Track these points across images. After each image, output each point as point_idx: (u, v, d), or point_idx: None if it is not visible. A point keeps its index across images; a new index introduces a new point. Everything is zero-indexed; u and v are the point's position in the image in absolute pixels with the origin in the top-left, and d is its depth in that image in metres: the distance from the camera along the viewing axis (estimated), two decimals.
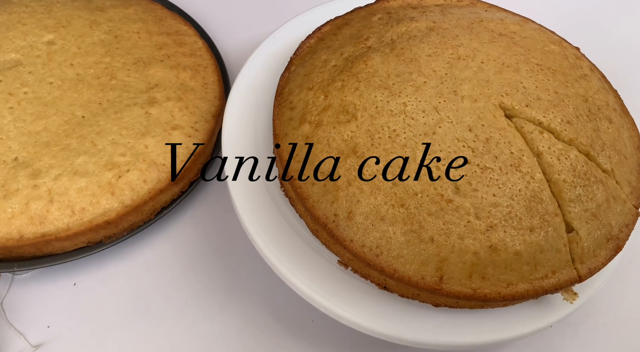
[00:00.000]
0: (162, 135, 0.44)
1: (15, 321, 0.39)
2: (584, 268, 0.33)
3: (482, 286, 0.31)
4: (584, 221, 0.33)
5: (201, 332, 0.40)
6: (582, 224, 0.33)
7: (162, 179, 0.42)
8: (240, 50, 0.58)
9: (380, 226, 0.32)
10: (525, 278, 0.31)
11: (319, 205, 0.34)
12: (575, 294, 0.33)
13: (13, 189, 0.39)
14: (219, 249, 0.45)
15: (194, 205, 0.47)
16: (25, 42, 0.48)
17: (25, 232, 0.38)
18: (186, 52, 0.51)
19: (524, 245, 0.31)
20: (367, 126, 0.34)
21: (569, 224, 0.33)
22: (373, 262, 0.32)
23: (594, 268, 0.33)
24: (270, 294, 0.42)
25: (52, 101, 0.44)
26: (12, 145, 0.41)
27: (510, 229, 0.31)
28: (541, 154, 0.34)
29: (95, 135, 0.43)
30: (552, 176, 0.33)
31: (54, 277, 0.42)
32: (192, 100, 0.47)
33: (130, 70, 0.48)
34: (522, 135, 0.34)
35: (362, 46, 0.39)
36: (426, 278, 0.31)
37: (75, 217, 0.39)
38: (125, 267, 0.43)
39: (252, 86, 0.44)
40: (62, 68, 0.47)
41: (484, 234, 0.31)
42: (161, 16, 0.54)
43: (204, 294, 0.42)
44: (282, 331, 0.41)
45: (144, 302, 0.41)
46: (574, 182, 0.33)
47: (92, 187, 0.40)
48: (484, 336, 0.34)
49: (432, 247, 0.31)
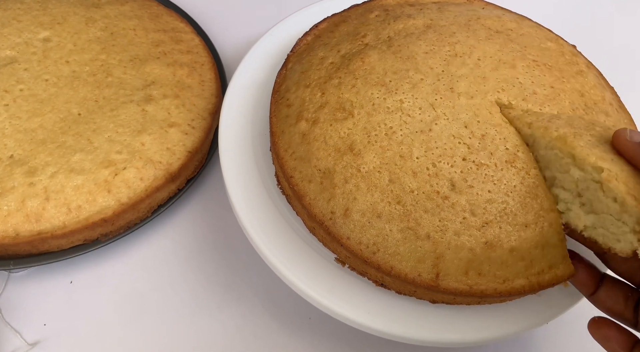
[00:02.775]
0: (159, 132, 0.44)
1: (11, 319, 0.39)
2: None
3: (478, 282, 0.31)
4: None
5: (199, 330, 0.40)
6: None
7: (159, 177, 0.42)
8: (237, 48, 0.58)
9: (377, 223, 0.32)
10: (521, 274, 0.32)
11: (316, 202, 0.34)
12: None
13: (9, 187, 0.39)
14: (217, 247, 0.45)
15: (191, 203, 0.47)
16: (21, 39, 0.47)
17: (21, 230, 0.38)
18: (183, 49, 0.51)
19: (520, 241, 0.31)
20: (364, 123, 0.34)
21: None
22: (370, 259, 0.32)
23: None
24: (267, 291, 0.42)
25: (47, 98, 0.44)
26: (8, 143, 0.41)
27: (505, 225, 0.31)
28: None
29: (91, 132, 0.42)
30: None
31: (50, 275, 0.42)
32: (188, 97, 0.47)
33: (127, 68, 0.47)
34: (517, 130, 0.34)
35: (359, 43, 0.39)
36: (423, 275, 0.31)
37: (71, 215, 0.39)
38: (122, 265, 0.43)
39: (249, 83, 0.44)
40: (58, 65, 0.46)
41: (480, 231, 0.31)
42: (157, 13, 0.54)
43: (201, 292, 0.42)
44: (280, 329, 0.41)
45: (140, 301, 0.41)
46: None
47: (89, 185, 0.40)
48: (482, 333, 0.34)
49: (428, 244, 0.31)
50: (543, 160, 0.32)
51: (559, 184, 0.32)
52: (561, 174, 0.31)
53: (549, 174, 0.32)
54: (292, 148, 0.36)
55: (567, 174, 0.30)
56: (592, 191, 0.29)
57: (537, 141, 0.32)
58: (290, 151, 0.36)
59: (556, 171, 0.31)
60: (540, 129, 0.32)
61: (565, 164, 0.30)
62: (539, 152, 0.32)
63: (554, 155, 0.31)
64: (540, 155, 0.32)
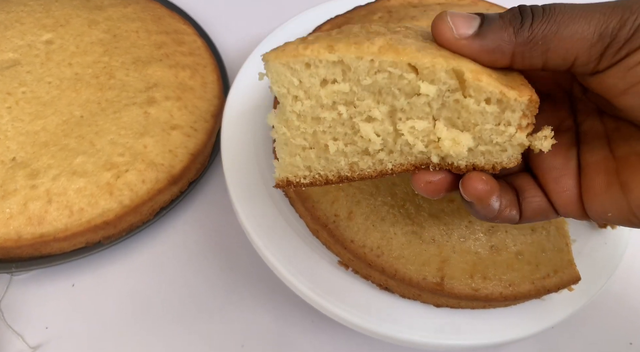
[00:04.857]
0: (161, 135, 0.44)
1: (13, 322, 0.39)
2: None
3: (483, 286, 0.31)
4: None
5: (200, 333, 0.40)
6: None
7: (161, 179, 0.42)
8: (239, 49, 0.58)
9: (381, 226, 0.32)
10: (527, 278, 0.31)
11: (320, 205, 0.33)
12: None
13: (11, 190, 0.39)
14: (218, 249, 0.44)
15: (193, 205, 0.47)
16: (24, 41, 0.47)
17: (24, 233, 0.38)
18: (185, 51, 0.51)
19: (526, 245, 0.31)
20: None
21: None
22: (374, 262, 0.32)
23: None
24: (269, 294, 0.42)
25: (50, 101, 0.44)
26: (11, 145, 0.41)
27: (511, 229, 0.31)
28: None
29: (93, 135, 0.42)
30: None
31: (53, 278, 0.42)
32: (191, 99, 0.47)
33: (129, 70, 0.47)
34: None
35: None
36: (427, 278, 0.31)
37: (73, 218, 0.39)
38: (124, 268, 0.43)
39: (251, 85, 0.44)
40: (61, 67, 0.46)
41: (486, 235, 0.31)
42: (160, 15, 0.54)
43: (203, 295, 0.42)
44: (282, 332, 0.40)
45: (142, 303, 0.41)
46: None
47: (91, 188, 0.40)
48: (486, 338, 0.33)
49: (433, 247, 0.31)
50: (368, 94, 0.23)
51: (405, 117, 0.23)
52: (404, 99, 0.23)
53: (383, 110, 0.23)
54: None
55: (415, 97, 0.23)
56: (452, 105, 0.23)
57: (356, 72, 0.22)
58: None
59: (394, 100, 0.23)
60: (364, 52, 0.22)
61: (407, 85, 0.22)
62: (359, 86, 0.23)
63: (383, 79, 0.22)
64: (362, 91, 0.23)
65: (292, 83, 0.22)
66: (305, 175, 0.25)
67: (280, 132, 0.24)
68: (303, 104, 0.23)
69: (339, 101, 0.23)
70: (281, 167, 0.25)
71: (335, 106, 0.23)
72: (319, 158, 0.25)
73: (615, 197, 0.23)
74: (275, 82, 0.22)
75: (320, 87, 0.23)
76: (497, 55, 0.22)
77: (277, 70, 0.22)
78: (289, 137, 0.24)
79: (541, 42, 0.21)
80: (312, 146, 0.24)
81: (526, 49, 0.21)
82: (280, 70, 0.22)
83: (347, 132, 0.24)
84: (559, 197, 0.24)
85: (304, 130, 0.24)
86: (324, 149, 0.24)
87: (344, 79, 0.22)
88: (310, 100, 0.23)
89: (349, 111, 0.23)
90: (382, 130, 0.24)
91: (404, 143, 0.24)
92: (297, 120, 0.24)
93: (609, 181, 0.23)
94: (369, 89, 0.23)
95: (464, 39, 0.22)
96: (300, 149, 0.24)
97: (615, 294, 0.44)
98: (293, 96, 0.23)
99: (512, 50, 0.22)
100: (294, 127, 0.24)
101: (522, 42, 0.21)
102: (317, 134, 0.24)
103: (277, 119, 0.24)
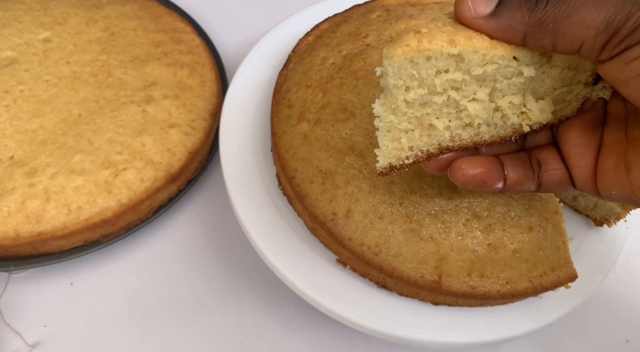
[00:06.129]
0: (159, 133, 0.44)
1: (11, 321, 0.39)
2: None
3: (481, 284, 0.31)
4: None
5: (198, 331, 0.40)
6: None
7: (159, 178, 0.42)
8: (238, 48, 0.58)
9: (379, 224, 0.32)
10: (524, 276, 0.31)
11: (318, 203, 0.33)
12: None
13: (9, 188, 0.39)
14: (217, 248, 0.45)
15: (191, 204, 0.47)
16: (22, 39, 0.47)
17: (22, 231, 0.38)
18: (183, 49, 0.51)
19: (523, 243, 0.31)
20: (366, 124, 0.34)
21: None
22: (372, 260, 0.32)
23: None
24: (268, 292, 0.42)
25: (48, 99, 0.44)
26: (8, 144, 0.41)
27: (509, 228, 0.31)
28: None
29: (91, 133, 0.42)
30: None
31: (51, 277, 0.42)
32: (189, 98, 0.47)
33: (127, 68, 0.47)
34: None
35: (361, 44, 0.39)
36: (425, 276, 0.31)
37: (71, 216, 0.39)
38: (123, 266, 0.43)
39: (250, 84, 0.44)
40: (59, 66, 0.46)
41: (483, 233, 0.31)
42: (158, 13, 0.54)
43: (201, 293, 0.42)
44: (281, 330, 0.41)
45: (141, 302, 0.41)
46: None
47: (89, 186, 0.40)
48: (483, 335, 0.34)
49: (431, 245, 0.31)
50: (475, 80, 0.25)
51: (501, 94, 0.26)
52: (505, 82, 0.25)
53: (486, 92, 0.25)
54: (294, 149, 0.36)
55: (514, 78, 0.25)
56: (540, 77, 0.25)
57: (469, 64, 0.24)
58: (291, 152, 0.36)
59: (495, 83, 0.25)
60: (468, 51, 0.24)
61: (510, 71, 0.25)
62: (473, 74, 0.25)
63: (492, 69, 0.24)
64: (471, 78, 0.25)
65: (411, 75, 0.24)
66: (408, 155, 0.27)
67: (387, 120, 0.26)
68: (416, 93, 0.24)
69: (448, 87, 0.25)
70: (384, 154, 0.27)
71: (445, 92, 0.25)
72: (421, 136, 0.26)
73: (619, 177, 0.24)
74: (393, 75, 0.24)
75: (435, 77, 0.24)
76: (510, 34, 0.23)
77: (399, 64, 0.23)
78: (396, 123, 0.26)
79: (552, 24, 0.22)
80: (415, 128, 0.26)
81: (537, 30, 0.22)
82: (402, 64, 0.23)
83: (451, 112, 0.26)
84: (581, 172, 0.26)
85: (411, 114, 0.26)
86: (428, 127, 0.26)
87: (456, 69, 0.24)
88: (422, 89, 0.25)
89: (457, 94, 0.25)
90: (485, 108, 0.26)
91: (501, 116, 0.26)
92: (405, 107, 0.25)
93: (617, 161, 0.24)
94: (477, 77, 0.25)
95: (480, 18, 0.23)
96: (403, 133, 0.26)
97: (612, 292, 0.44)
98: (406, 86, 0.24)
99: (524, 30, 0.22)
100: (401, 114, 0.25)
101: (534, 23, 0.22)
102: (423, 116, 0.26)
103: (384, 108, 0.25)
